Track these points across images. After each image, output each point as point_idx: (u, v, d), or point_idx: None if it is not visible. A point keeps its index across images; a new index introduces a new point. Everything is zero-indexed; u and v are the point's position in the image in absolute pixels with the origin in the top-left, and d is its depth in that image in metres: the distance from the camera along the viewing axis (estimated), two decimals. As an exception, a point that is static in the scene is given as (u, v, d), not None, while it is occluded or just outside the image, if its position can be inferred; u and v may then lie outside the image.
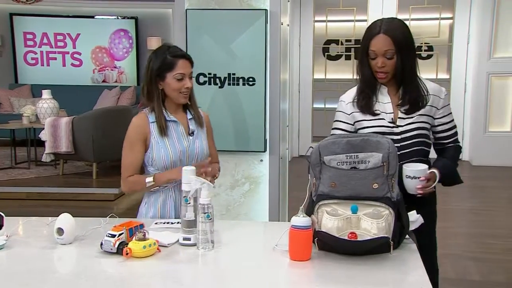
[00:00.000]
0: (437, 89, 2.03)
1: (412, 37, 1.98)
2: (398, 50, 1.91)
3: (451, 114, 2.07)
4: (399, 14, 7.23)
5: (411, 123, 1.97)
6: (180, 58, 2.09)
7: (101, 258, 1.60)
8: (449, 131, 2.07)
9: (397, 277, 1.50)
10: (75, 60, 8.75)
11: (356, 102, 2.04)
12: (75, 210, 4.97)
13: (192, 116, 2.19)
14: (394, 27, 1.94)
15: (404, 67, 1.94)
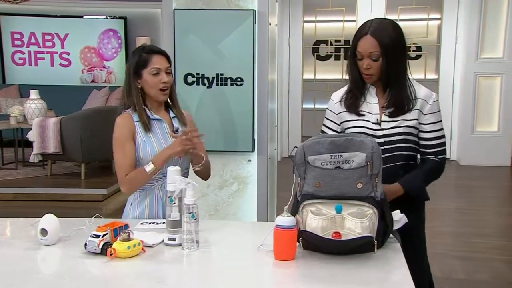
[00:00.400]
0: (427, 95, 1.98)
1: (401, 40, 1.95)
2: (384, 52, 1.90)
3: (438, 123, 1.99)
4: (388, 15, 7.27)
5: (395, 127, 1.95)
6: (155, 54, 2.11)
7: (85, 258, 1.59)
8: (432, 140, 1.98)
9: (381, 276, 1.51)
10: (63, 60, 8.70)
11: (344, 101, 2.05)
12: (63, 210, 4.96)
13: (175, 115, 2.20)
14: (382, 29, 1.92)
15: (391, 70, 1.92)
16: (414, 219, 2.02)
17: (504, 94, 6.92)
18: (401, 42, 1.95)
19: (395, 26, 1.96)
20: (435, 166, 1.99)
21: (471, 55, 6.95)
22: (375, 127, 1.97)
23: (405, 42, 1.97)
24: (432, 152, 1.99)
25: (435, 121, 1.97)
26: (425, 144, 1.99)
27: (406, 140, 1.95)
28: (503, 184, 6.26)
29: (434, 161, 1.99)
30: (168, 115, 2.19)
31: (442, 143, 1.99)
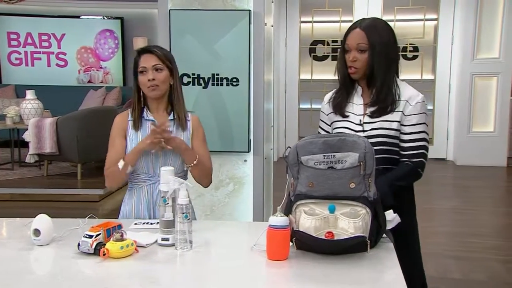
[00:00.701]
0: (411, 96, 1.94)
1: (391, 39, 1.94)
2: (371, 45, 1.90)
3: (420, 125, 1.92)
4: (384, 15, 7.29)
5: (374, 129, 1.94)
6: (144, 53, 2.14)
7: (78, 259, 1.59)
8: (409, 143, 1.92)
9: (374, 275, 1.51)
10: (60, 60, 8.68)
11: (332, 101, 2.06)
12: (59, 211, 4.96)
13: (173, 118, 2.18)
14: (373, 25, 1.94)
15: (377, 66, 1.90)
16: (407, 219, 2.03)
17: (500, 94, 6.94)
18: (391, 41, 1.94)
19: (387, 26, 1.97)
20: (407, 171, 1.92)
21: (467, 55, 6.97)
22: (357, 128, 1.96)
23: (395, 43, 1.96)
24: (407, 154, 1.93)
25: (416, 123, 1.92)
26: (402, 146, 1.94)
27: (384, 143, 1.92)
28: (499, 184, 6.28)
29: (406, 165, 1.92)
30: (167, 117, 2.18)
31: (420, 146, 1.92)
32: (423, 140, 1.93)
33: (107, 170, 2.12)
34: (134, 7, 8.33)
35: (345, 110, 2.00)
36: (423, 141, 1.93)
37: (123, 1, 8.35)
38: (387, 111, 1.92)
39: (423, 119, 1.94)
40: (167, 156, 2.14)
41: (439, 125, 7.50)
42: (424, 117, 1.95)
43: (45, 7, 8.44)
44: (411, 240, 2.06)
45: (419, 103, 1.93)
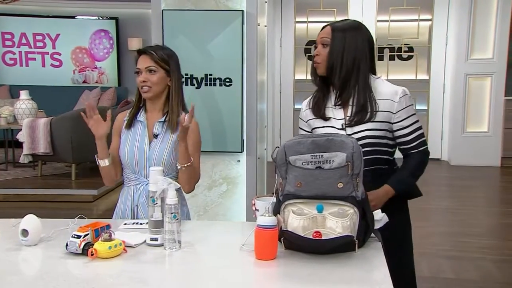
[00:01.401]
0: (391, 92, 1.94)
1: (359, 35, 1.93)
2: (332, 41, 1.92)
3: (412, 116, 1.97)
4: (379, 15, 7.31)
5: (357, 132, 1.93)
6: (140, 55, 2.15)
7: (66, 259, 1.59)
8: (410, 135, 1.97)
9: (361, 275, 1.52)
10: (54, 60, 8.67)
11: (310, 105, 2.07)
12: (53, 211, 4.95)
13: (165, 120, 2.16)
14: (342, 23, 1.98)
15: (335, 63, 1.91)
16: (400, 219, 2.03)
17: (494, 94, 6.97)
18: (359, 42, 1.93)
19: (360, 25, 1.98)
20: (420, 159, 1.98)
21: (461, 55, 6.99)
22: (340, 132, 1.95)
23: (365, 40, 1.94)
24: (413, 146, 1.98)
25: (408, 115, 1.95)
26: (404, 140, 1.97)
27: (369, 144, 1.93)
28: (493, 184, 6.30)
29: (417, 154, 1.98)
30: (161, 118, 2.17)
31: (420, 134, 1.98)
32: (420, 128, 1.99)
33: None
34: (129, 7, 8.33)
35: (325, 113, 2.00)
36: (420, 130, 1.98)
37: (118, 1, 8.35)
38: (367, 116, 1.93)
39: (412, 111, 1.98)
40: (151, 157, 2.13)
41: (433, 125, 7.52)
42: (412, 109, 1.98)
43: (39, 7, 8.42)
44: (404, 239, 2.06)
45: (402, 97, 1.94)
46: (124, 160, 2.16)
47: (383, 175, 1.97)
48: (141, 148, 2.14)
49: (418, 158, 1.99)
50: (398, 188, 1.93)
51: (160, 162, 2.11)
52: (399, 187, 1.93)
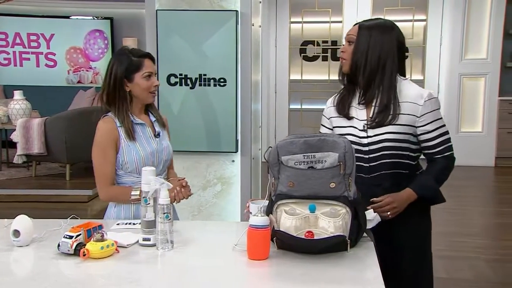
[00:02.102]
0: (416, 95, 1.89)
1: (387, 36, 1.89)
2: (358, 39, 1.91)
3: (438, 121, 1.90)
4: (374, 15, 7.30)
5: (377, 134, 1.90)
6: (145, 58, 2.13)
7: (58, 259, 1.58)
8: (435, 139, 1.90)
9: (353, 274, 1.52)
10: (49, 60, 8.64)
11: (334, 102, 2.04)
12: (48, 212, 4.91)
13: (156, 119, 2.21)
14: (370, 21, 1.95)
15: (359, 62, 1.89)
16: (423, 225, 2.02)
17: (488, 94, 7.00)
18: (385, 37, 1.89)
19: (389, 24, 1.94)
20: (445, 165, 1.93)
21: (456, 56, 7.02)
22: (361, 134, 1.93)
23: (392, 40, 1.90)
24: (438, 151, 1.92)
25: (433, 119, 1.89)
26: (429, 145, 1.92)
27: (390, 147, 1.88)
28: (487, 184, 6.33)
29: (442, 159, 1.93)
30: (149, 119, 2.20)
31: (446, 140, 1.92)
32: (446, 133, 1.93)
33: (111, 190, 2.09)
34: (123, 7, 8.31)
35: (349, 112, 1.97)
36: (446, 135, 1.93)
37: (112, 2, 8.33)
38: (390, 119, 1.88)
39: (438, 115, 1.92)
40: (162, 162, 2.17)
41: (428, 125, 7.54)
42: (438, 113, 1.92)
43: (34, 7, 8.39)
44: (425, 245, 2.04)
45: (428, 100, 1.88)
46: (138, 166, 2.07)
47: (404, 180, 1.92)
48: (153, 148, 2.13)
49: (442, 163, 1.93)
50: (421, 192, 1.89)
51: (169, 157, 2.21)
52: (422, 191, 1.89)
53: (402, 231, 1.95)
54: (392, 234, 1.92)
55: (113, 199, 2.13)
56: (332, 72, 7.49)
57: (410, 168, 1.94)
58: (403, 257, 1.97)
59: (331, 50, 7.54)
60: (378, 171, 1.91)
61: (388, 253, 1.89)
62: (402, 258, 1.97)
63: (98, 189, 2.12)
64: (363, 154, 1.92)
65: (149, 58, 2.13)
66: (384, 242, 1.85)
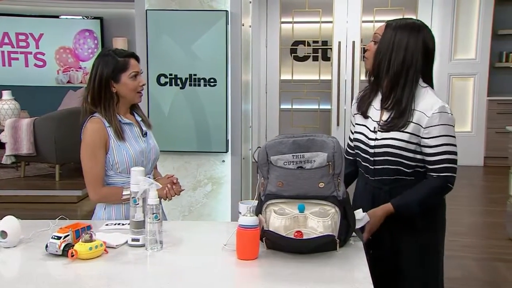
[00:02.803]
0: (426, 106, 1.81)
1: (414, 44, 1.81)
2: (382, 39, 1.85)
3: (443, 137, 1.79)
4: (364, 16, 7.36)
5: (384, 138, 1.85)
6: (131, 57, 2.13)
7: (45, 260, 1.57)
8: (434, 156, 1.80)
9: (342, 274, 1.53)
10: (38, 60, 8.57)
11: (357, 98, 2.02)
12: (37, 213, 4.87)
13: (141, 118, 2.23)
14: (398, 21, 1.87)
15: (383, 63, 1.83)
16: (432, 232, 1.96)
17: (477, 94, 7.06)
18: (411, 38, 1.81)
19: (417, 25, 1.86)
20: (435, 185, 1.83)
21: (445, 56, 7.07)
22: (370, 135, 1.90)
23: (418, 42, 1.82)
24: (434, 169, 1.82)
25: (439, 134, 1.79)
26: (427, 160, 1.83)
27: (393, 154, 1.83)
28: (475, 183, 6.38)
29: (436, 179, 1.82)
30: (135, 118, 2.21)
31: (447, 160, 1.80)
32: (448, 153, 1.80)
33: (102, 190, 2.08)
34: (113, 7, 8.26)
35: (367, 111, 1.94)
36: (447, 155, 1.80)
37: (102, 1, 8.28)
38: (400, 125, 1.82)
39: (446, 131, 1.80)
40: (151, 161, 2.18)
41: (418, 125, 7.58)
42: (446, 129, 1.80)
43: (22, 6, 8.32)
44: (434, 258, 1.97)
45: (436, 113, 1.79)
46: (129, 165, 2.06)
47: (407, 186, 1.86)
48: (142, 147, 2.14)
49: (435, 183, 1.83)
50: (399, 210, 1.82)
51: (157, 155, 2.23)
52: (400, 210, 1.82)
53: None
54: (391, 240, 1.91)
55: (104, 199, 2.12)
56: (323, 72, 7.51)
57: (415, 174, 1.86)
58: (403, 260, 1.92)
59: (322, 50, 7.55)
60: (381, 175, 1.89)
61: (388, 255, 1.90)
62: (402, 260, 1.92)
63: (89, 191, 2.10)
64: (369, 156, 1.91)
65: (134, 58, 2.13)
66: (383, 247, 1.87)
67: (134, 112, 2.22)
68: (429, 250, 1.96)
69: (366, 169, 1.94)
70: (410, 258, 1.91)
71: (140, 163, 2.09)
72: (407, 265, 1.92)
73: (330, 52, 7.51)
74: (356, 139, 1.99)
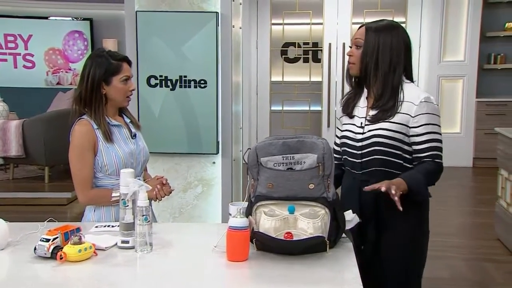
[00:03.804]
0: (414, 96, 1.87)
1: (394, 38, 1.88)
2: (366, 42, 1.89)
3: (431, 126, 1.85)
4: (354, 18, 7.39)
5: (373, 130, 1.89)
6: (124, 61, 2.13)
7: (34, 263, 1.56)
8: (424, 144, 1.85)
9: (332, 275, 1.53)
10: (27, 62, 8.50)
11: (342, 102, 2.06)
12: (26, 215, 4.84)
13: (130, 120, 2.22)
14: (376, 23, 1.93)
15: (369, 65, 1.87)
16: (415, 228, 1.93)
17: (466, 96, 7.11)
18: (394, 44, 1.88)
19: (395, 25, 1.93)
20: (434, 168, 1.86)
21: (434, 58, 7.13)
22: (357, 130, 1.94)
23: (400, 42, 1.89)
24: (427, 155, 1.86)
25: (426, 122, 1.85)
26: (417, 148, 1.88)
27: (381, 143, 1.87)
28: (464, 184, 6.42)
29: (432, 162, 1.86)
30: (124, 120, 2.21)
31: (436, 147, 1.86)
32: (437, 141, 1.87)
33: (91, 193, 2.06)
34: (103, 8, 8.22)
35: (352, 111, 1.99)
36: (436, 142, 1.86)
37: (92, 2, 8.24)
38: (387, 115, 1.87)
39: (432, 120, 1.87)
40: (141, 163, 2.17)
41: (407, 127, 7.62)
42: (433, 118, 1.87)
43: (11, 7, 8.25)
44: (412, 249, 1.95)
45: (424, 102, 1.86)
46: (118, 167, 2.05)
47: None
48: (131, 149, 2.13)
49: (432, 165, 1.86)
50: (410, 183, 1.79)
51: (147, 157, 2.22)
52: (411, 182, 1.79)
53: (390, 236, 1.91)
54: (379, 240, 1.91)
55: (93, 202, 2.11)
56: (313, 74, 7.53)
57: (402, 169, 1.89)
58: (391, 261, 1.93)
59: (312, 51, 7.58)
60: (370, 167, 1.91)
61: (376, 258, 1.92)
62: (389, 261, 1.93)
63: (78, 193, 2.09)
64: (356, 150, 1.94)
65: (127, 62, 2.14)
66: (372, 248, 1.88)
67: (123, 113, 2.21)
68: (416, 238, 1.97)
69: (353, 164, 1.95)
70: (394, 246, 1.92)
71: (130, 164, 2.08)
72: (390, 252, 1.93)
73: (320, 54, 7.54)
74: (343, 137, 2.01)
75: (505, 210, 4.07)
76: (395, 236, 1.91)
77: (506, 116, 6.98)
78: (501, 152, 4.22)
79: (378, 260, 1.93)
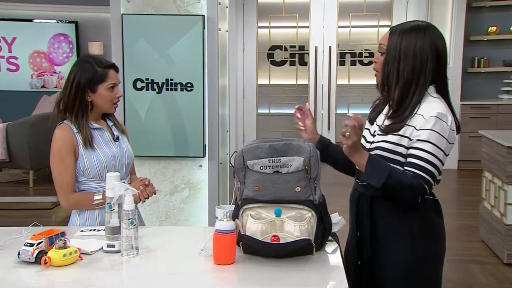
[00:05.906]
0: (429, 109, 1.66)
1: (421, 45, 1.66)
2: (388, 48, 1.70)
3: (429, 144, 1.62)
4: (340, 21, 7.45)
5: (377, 142, 1.75)
6: (110, 69, 2.11)
7: (18, 268, 1.55)
8: (414, 158, 1.63)
9: (318, 277, 1.54)
10: (11, 64, 8.41)
11: (372, 105, 1.90)
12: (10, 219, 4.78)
13: (113, 123, 2.21)
14: (402, 25, 1.73)
15: (391, 72, 1.69)
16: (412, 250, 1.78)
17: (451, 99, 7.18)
18: (416, 43, 1.66)
19: (422, 27, 1.70)
20: (412, 182, 1.62)
21: (419, 61, 7.19)
22: (369, 138, 1.81)
23: (426, 45, 1.66)
24: (410, 168, 1.64)
25: (427, 139, 1.63)
26: (408, 161, 1.66)
27: (380, 156, 1.69)
28: (449, 187, 6.48)
29: (413, 175, 1.63)
30: (106, 123, 2.19)
31: (425, 169, 1.62)
32: (431, 164, 1.63)
33: (72, 197, 2.05)
34: (89, 11, 8.16)
35: (374, 117, 1.83)
36: (430, 164, 1.63)
37: (77, 5, 8.18)
38: (395, 129, 1.69)
39: (435, 138, 1.64)
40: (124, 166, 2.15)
41: (393, 129, 7.68)
42: (436, 137, 1.63)
43: (-6, 9, 8.16)
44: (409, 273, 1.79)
45: (433, 117, 1.63)
46: (100, 171, 2.05)
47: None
48: (113, 152, 2.11)
49: (412, 179, 1.62)
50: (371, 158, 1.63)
51: (130, 160, 2.19)
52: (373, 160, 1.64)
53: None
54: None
55: (75, 206, 2.10)
56: (300, 77, 7.56)
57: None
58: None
59: (299, 55, 7.61)
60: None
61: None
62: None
63: (60, 198, 2.08)
64: None
65: (113, 69, 2.12)
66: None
67: (107, 117, 2.19)
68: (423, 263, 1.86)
69: (358, 173, 1.83)
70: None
71: (112, 168, 2.08)
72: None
73: (307, 57, 7.57)
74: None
75: (489, 212, 4.12)
76: (390, 255, 1.76)
77: (490, 119, 7.08)
78: (485, 155, 4.27)
79: (375, 277, 1.79)
